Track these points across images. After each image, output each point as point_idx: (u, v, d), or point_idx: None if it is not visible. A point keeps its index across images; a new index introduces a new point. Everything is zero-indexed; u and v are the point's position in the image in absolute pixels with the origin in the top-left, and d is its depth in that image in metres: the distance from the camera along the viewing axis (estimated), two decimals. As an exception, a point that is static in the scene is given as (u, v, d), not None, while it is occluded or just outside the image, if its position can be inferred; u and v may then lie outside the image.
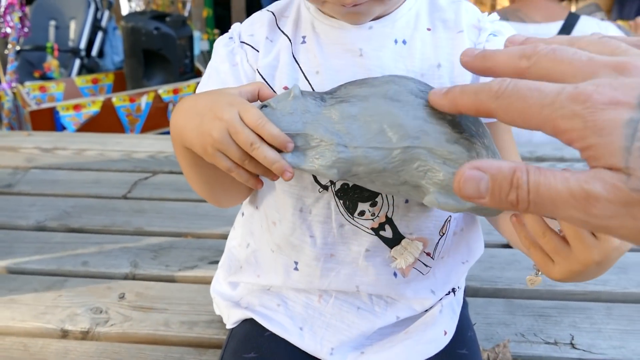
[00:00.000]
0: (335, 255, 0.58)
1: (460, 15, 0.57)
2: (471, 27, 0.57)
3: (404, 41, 0.55)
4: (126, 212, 1.10)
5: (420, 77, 0.54)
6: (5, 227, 1.05)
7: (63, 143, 1.44)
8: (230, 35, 0.60)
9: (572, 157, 1.34)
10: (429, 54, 0.55)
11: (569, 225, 0.44)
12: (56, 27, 3.65)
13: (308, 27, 0.57)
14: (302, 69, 0.55)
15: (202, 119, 0.48)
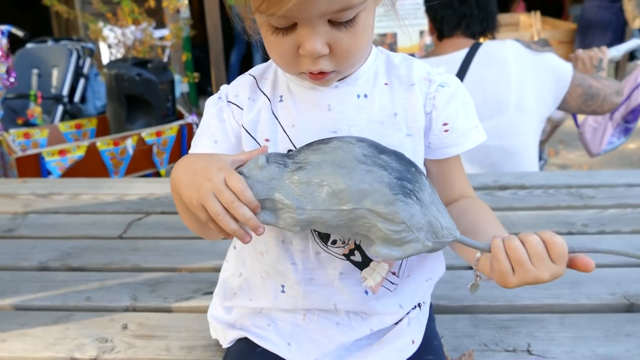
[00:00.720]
0: (315, 278, 0.68)
1: (411, 71, 0.69)
2: (422, 80, 0.69)
3: (365, 95, 0.67)
4: (123, 250, 1.18)
5: (380, 124, 0.66)
6: (10, 269, 1.12)
7: (58, 188, 1.53)
8: (219, 96, 0.73)
9: (532, 184, 1.47)
10: (387, 105, 0.67)
11: None
12: (39, 75, 3.74)
13: (284, 87, 0.69)
14: (281, 123, 0.67)
15: (195, 177, 0.60)
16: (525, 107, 1.64)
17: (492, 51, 1.64)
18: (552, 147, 4.46)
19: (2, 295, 1.02)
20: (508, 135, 1.63)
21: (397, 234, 0.58)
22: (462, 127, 0.70)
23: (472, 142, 0.71)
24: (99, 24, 3.95)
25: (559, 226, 1.23)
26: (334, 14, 0.57)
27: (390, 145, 0.65)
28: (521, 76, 1.62)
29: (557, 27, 5.93)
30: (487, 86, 1.62)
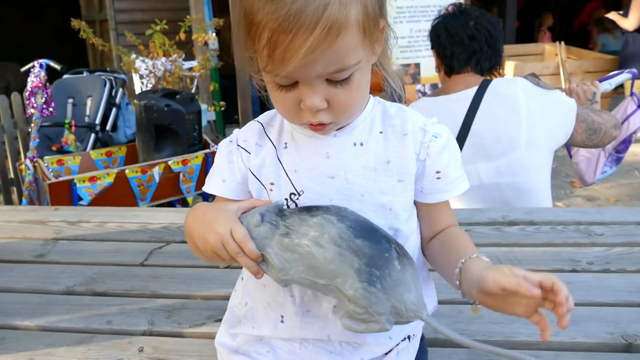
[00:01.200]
0: (311, 311, 0.74)
1: (405, 122, 0.77)
2: (417, 130, 0.76)
3: (361, 143, 0.75)
4: (144, 277, 1.26)
5: (374, 171, 0.73)
6: (40, 292, 1.21)
7: (86, 217, 1.62)
8: (230, 139, 0.82)
9: (542, 220, 1.49)
10: (381, 152, 0.74)
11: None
12: (74, 105, 3.93)
13: (289, 135, 0.77)
14: (285, 168, 0.74)
15: (205, 229, 0.68)
16: (536, 144, 1.66)
17: (502, 89, 1.68)
18: (578, 180, 4.43)
19: (31, 316, 1.10)
20: (520, 173, 1.65)
21: (360, 315, 0.65)
22: (452, 175, 0.77)
23: (458, 190, 0.78)
24: (131, 56, 4.13)
25: (563, 263, 1.26)
26: (331, 74, 0.64)
27: (382, 190, 0.73)
28: (531, 113, 1.65)
29: (583, 57, 5.93)
30: (498, 124, 1.65)
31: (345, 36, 0.62)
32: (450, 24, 1.73)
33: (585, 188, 4.27)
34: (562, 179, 4.49)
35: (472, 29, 1.70)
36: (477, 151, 1.64)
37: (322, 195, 0.73)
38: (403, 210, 0.76)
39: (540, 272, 0.65)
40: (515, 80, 1.71)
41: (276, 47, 0.61)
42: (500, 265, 0.68)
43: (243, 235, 0.66)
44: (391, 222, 0.75)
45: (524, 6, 8.39)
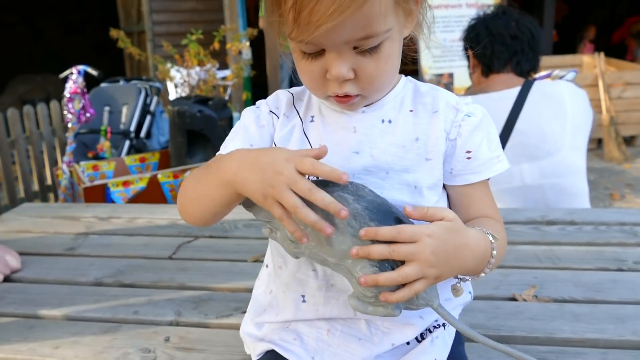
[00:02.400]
0: (335, 284, 0.71)
1: (437, 99, 0.74)
2: (449, 108, 0.73)
3: (390, 120, 0.72)
4: (171, 270, 1.24)
5: (401, 147, 0.70)
6: (69, 283, 1.20)
7: (117, 213, 1.63)
8: (257, 106, 0.78)
9: (582, 220, 1.43)
10: (410, 130, 0.71)
11: None
12: (110, 112, 4.01)
13: (316, 109, 0.74)
14: (310, 142, 0.72)
15: (264, 173, 0.60)
16: (579, 146, 1.62)
17: (548, 90, 1.64)
18: (618, 191, 4.28)
19: (59, 306, 1.10)
20: (564, 174, 1.61)
21: (368, 298, 0.62)
22: (483, 156, 0.73)
23: (492, 171, 0.74)
24: (167, 65, 4.21)
25: (608, 262, 1.19)
26: (358, 41, 0.61)
27: (407, 167, 0.70)
28: (576, 115, 1.61)
29: (622, 68, 5.77)
30: (544, 124, 1.61)
31: (375, 0, 0.59)
32: (491, 23, 1.69)
33: (625, 201, 4.13)
34: (601, 191, 4.35)
35: (514, 28, 1.66)
36: (521, 151, 1.60)
37: (346, 170, 0.70)
38: (429, 189, 0.72)
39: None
40: (559, 83, 1.69)
41: (302, 9, 0.58)
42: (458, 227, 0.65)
43: (312, 163, 0.58)
44: (417, 199, 0.71)
45: (562, 20, 8.27)
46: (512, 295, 1.06)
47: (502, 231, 0.75)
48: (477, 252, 0.66)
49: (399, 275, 0.60)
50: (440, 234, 0.62)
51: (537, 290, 1.08)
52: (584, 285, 1.09)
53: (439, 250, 0.61)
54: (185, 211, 0.74)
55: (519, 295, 1.06)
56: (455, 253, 0.63)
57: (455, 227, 0.64)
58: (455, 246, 0.63)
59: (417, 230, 0.60)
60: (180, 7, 5.52)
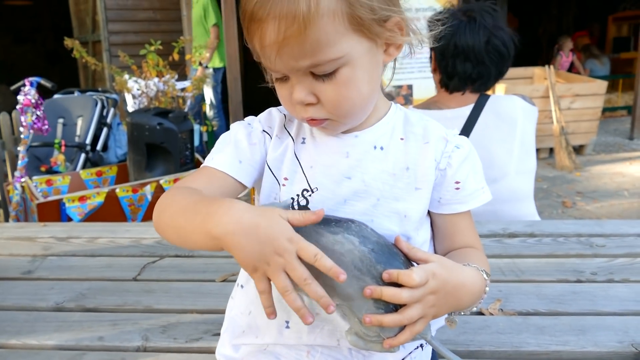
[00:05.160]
0: (320, 313, 0.70)
1: (427, 130, 0.76)
2: (440, 139, 0.75)
3: (382, 147, 0.73)
4: (136, 292, 1.21)
5: (392, 175, 0.72)
6: (27, 309, 1.15)
7: (76, 232, 1.57)
8: (248, 122, 0.78)
9: (542, 233, 1.47)
10: (400, 158, 0.73)
11: None
12: (64, 125, 3.89)
13: (307, 131, 0.75)
14: (301, 164, 0.72)
15: (263, 247, 0.57)
16: (525, 169, 1.61)
17: (500, 108, 1.59)
18: (569, 199, 4.45)
19: (17, 334, 1.05)
20: (509, 200, 1.61)
21: (367, 337, 0.63)
22: (470, 187, 0.76)
23: (477, 202, 0.77)
24: (124, 76, 4.12)
25: (567, 274, 1.23)
26: (311, 67, 0.63)
27: (398, 196, 0.71)
28: (526, 135, 1.60)
29: (571, 81, 6.02)
30: (493, 148, 1.57)
31: (316, 27, 0.60)
32: (461, 38, 1.53)
33: (576, 208, 4.29)
34: (554, 199, 4.51)
35: (483, 49, 1.52)
36: None
37: (337, 195, 0.71)
38: (417, 218, 0.74)
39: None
40: (514, 99, 1.63)
41: (252, 37, 0.62)
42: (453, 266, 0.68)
43: (315, 252, 0.57)
44: (405, 228, 0.73)
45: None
46: (479, 310, 1.09)
47: (486, 261, 0.78)
48: (473, 290, 0.68)
49: (404, 317, 0.61)
50: (441, 274, 0.63)
51: (503, 304, 1.11)
52: (546, 297, 1.13)
53: (439, 290, 0.63)
54: (162, 231, 0.71)
55: (486, 310, 1.08)
56: (454, 292, 0.65)
57: (450, 266, 0.66)
58: (454, 286, 0.65)
59: (428, 274, 0.62)
60: (137, 16, 5.43)
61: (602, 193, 4.59)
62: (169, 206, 0.68)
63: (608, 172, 5.16)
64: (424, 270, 0.62)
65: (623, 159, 5.59)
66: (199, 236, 0.63)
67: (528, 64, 6.27)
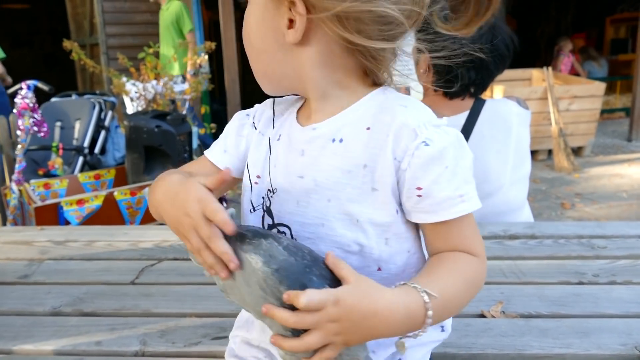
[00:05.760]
0: None
1: (395, 119, 0.63)
2: (407, 131, 0.62)
3: (341, 140, 0.65)
4: (134, 296, 1.20)
5: (347, 173, 0.64)
6: (23, 314, 1.14)
7: (73, 236, 1.56)
8: (247, 113, 0.78)
9: (543, 234, 1.46)
10: (359, 153, 0.64)
11: None
12: (62, 128, 3.88)
13: (287, 127, 0.72)
14: (270, 162, 0.71)
15: (177, 211, 0.62)
16: (521, 177, 1.57)
17: (495, 116, 1.53)
18: (568, 201, 4.45)
19: (14, 339, 1.04)
20: (504, 213, 1.58)
21: (289, 355, 0.61)
22: (441, 194, 0.62)
23: (451, 213, 0.63)
24: (122, 78, 4.11)
25: (569, 276, 1.22)
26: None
27: (351, 197, 0.63)
28: (520, 141, 1.55)
29: (569, 82, 6.02)
30: (488, 160, 1.51)
31: None
32: (464, 44, 1.50)
33: (575, 210, 4.29)
34: (553, 201, 4.51)
35: (488, 53, 1.42)
36: None
37: (290, 195, 0.67)
38: (373, 225, 0.64)
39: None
40: (509, 106, 1.57)
41: None
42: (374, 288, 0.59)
43: (219, 209, 0.58)
44: (356, 236, 0.64)
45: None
46: (480, 312, 1.08)
47: (472, 270, 0.65)
48: (392, 319, 0.58)
49: (302, 343, 0.57)
50: (346, 301, 0.56)
51: (504, 306, 1.10)
52: (548, 299, 1.12)
53: (342, 318, 0.56)
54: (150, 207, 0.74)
55: (488, 312, 1.07)
56: (363, 321, 0.57)
57: (365, 292, 0.58)
58: (363, 314, 0.57)
59: (324, 299, 0.55)
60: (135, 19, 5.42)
61: (601, 195, 4.59)
62: (155, 184, 0.71)
63: (606, 174, 5.16)
64: (323, 294, 0.55)
65: (621, 161, 5.60)
66: (151, 207, 0.71)
67: (526, 65, 6.27)
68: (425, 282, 0.61)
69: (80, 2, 6.55)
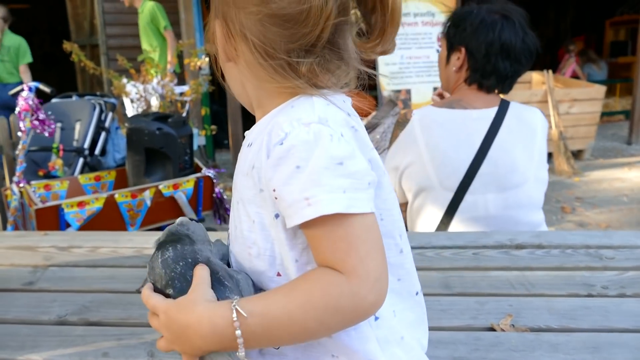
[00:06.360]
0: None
1: (275, 117, 0.64)
2: (278, 129, 0.61)
3: (250, 144, 0.67)
4: (140, 305, 1.17)
5: (245, 176, 0.66)
6: (29, 322, 1.13)
7: (77, 242, 1.55)
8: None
9: (550, 244, 1.46)
10: (253, 155, 0.65)
11: None
12: (62, 129, 3.86)
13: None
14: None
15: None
16: (542, 179, 1.61)
17: (525, 116, 1.59)
18: (568, 205, 4.45)
19: (21, 349, 1.03)
20: (525, 206, 1.60)
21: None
22: (288, 197, 0.59)
23: (298, 217, 0.58)
24: (122, 80, 4.10)
25: (578, 288, 1.22)
26: None
27: (250, 198, 0.65)
28: (542, 147, 1.60)
29: (569, 85, 6.03)
30: (516, 153, 1.57)
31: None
32: (502, 36, 1.50)
33: (576, 214, 4.29)
34: (553, 204, 4.51)
35: (520, 47, 1.52)
36: (490, 181, 1.55)
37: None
38: (261, 226, 0.65)
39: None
40: (534, 110, 1.64)
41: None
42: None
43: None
44: (255, 237, 0.66)
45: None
46: (490, 325, 1.07)
47: (322, 290, 0.58)
48: (199, 333, 0.60)
49: (158, 344, 0.67)
50: (170, 311, 0.64)
51: (514, 319, 1.09)
52: (557, 312, 1.11)
53: (169, 327, 0.64)
54: None
55: (497, 325, 1.07)
56: (182, 332, 0.62)
57: (184, 305, 0.63)
58: (179, 326, 0.62)
59: (156, 305, 0.66)
60: (135, 20, 5.40)
61: (602, 199, 4.60)
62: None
63: (607, 178, 5.17)
64: (158, 300, 0.66)
65: (622, 164, 5.61)
66: None
67: (526, 68, 6.27)
68: (253, 300, 0.61)
69: (80, 3, 6.53)
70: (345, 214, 0.57)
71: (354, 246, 0.58)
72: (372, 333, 0.65)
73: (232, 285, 0.65)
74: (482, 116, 1.56)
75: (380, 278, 0.59)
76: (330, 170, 0.57)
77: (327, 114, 0.61)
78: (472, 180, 1.55)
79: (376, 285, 0.58)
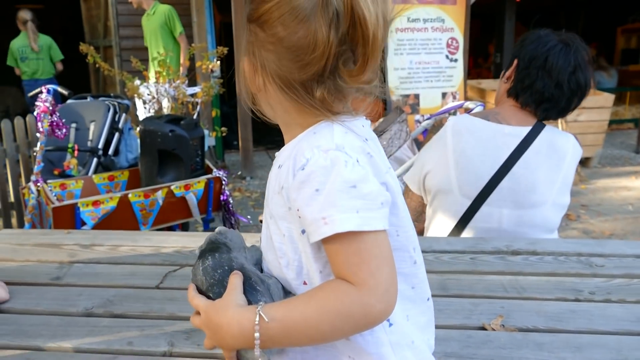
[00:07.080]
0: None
1: (299, 143, 0.72)
2: (299, 157, 0.70)
3: (280, 166, 0.75)
4: (160, 300, 1.29)
5: (276, 194, 0.74)
6: (59, 314, 1.23)
7: (99, 240, 1.65)
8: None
9: (544, 251, 1.54)
10: (283, 177, 0.73)
11: None
12: (77, 129, 3.97)
13: None
14: None
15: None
16: (561, 204, 1.64)
17: (555, 140, 1.60)
18: (573, 212, 4.50)
19: (53, 338, 1.13)
20: (539, 227, 1.64)
21: None
22: (309, 216, 0.67)
23: (317, 235, 0.66)
24: (135, 81, 4.21)
25: (566, 292, 1.30)
26: None
27: (282, 215, 0.73)
28: (569, 173, 1.62)
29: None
30: (540, 175, 1.58)
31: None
32: (552, 56, 1.53)
33: (580, 222, 4.34)
34: (557, 211, 4.54)
35: (567, 74, 1.53)
36: (508, 196, 1.58)
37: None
38: (291, 240, 0.74)
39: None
40: (569, 137, 1.65)
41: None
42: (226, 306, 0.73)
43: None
44: (286, 248, 0.75)
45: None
46: (482, 325, 1.16)
47: (337, 299, 0.66)
48: (230, 333, 0.71)
49: (205, 344, 0.77)
50: (208, 312, 0.74)
51: (504, 320, 1.18)
52: (545, 314, 1.20)
53: (207, 326, 0.74)
54: None
55: (488, 325, 1.16)
56: (218, 331, 0.72)
57: (219, 307, 0.72)
58: (215, 325, 0.72)
59: (199, 304, 0.76)
60: (149, 22, 5.52)
61: (607, 207, 4.63)
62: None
63: (613, 186, 5.21)
64: (201, 301, 0.75)
65: (629, 173, 5.64)
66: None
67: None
68: (276, 306, 0.70)
69: (95, 5, 6.66)
70: (357, 232, 0.65)
71: (365, 260, 0.66)
72: (386, 338, 0.74)
73: (264, 290, 0.75)
74: (513, 133, 1.59)
75: (390, 289, 0.67)
76: (345, 192, 0.65)
77: (345, 141, 0.69)
78: (491, 192, 1.59)
79: (385, 295, 0.66)
